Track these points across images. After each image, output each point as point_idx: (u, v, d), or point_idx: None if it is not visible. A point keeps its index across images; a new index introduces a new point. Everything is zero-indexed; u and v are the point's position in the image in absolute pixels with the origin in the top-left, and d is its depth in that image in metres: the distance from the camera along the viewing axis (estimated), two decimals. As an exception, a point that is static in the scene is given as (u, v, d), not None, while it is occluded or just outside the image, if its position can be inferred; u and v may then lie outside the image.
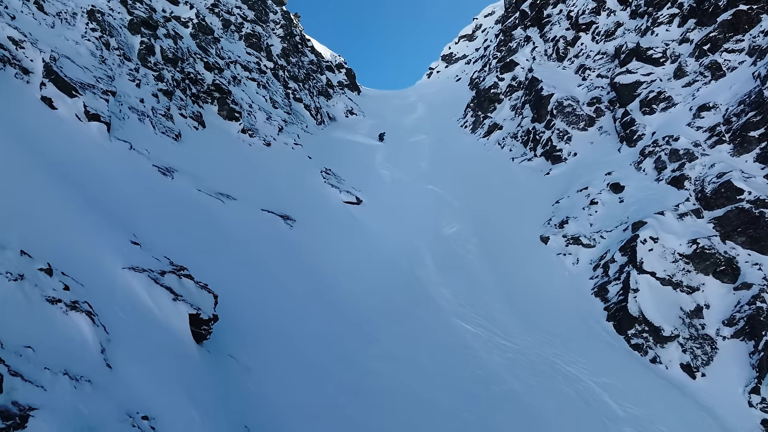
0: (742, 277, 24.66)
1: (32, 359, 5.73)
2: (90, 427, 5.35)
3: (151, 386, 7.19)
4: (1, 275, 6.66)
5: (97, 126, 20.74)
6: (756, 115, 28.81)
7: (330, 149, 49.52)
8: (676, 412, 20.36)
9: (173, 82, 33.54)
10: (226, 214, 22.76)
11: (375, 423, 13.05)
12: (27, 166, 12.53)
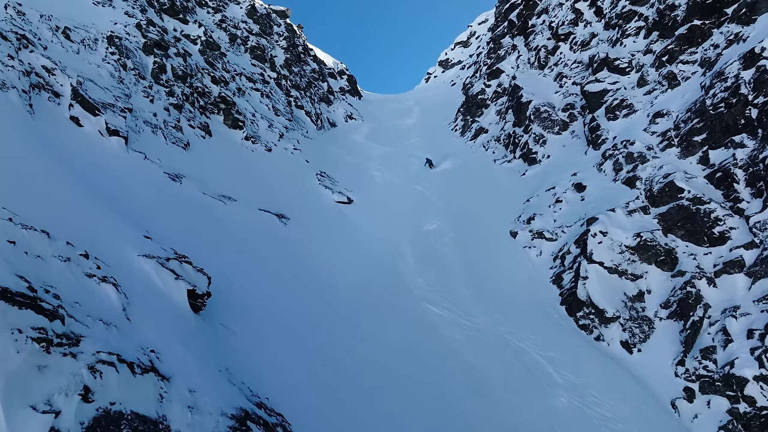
0: (679, 265, 27.42)
1: (79, 310, 8.57)
2: (117, 350, 8.20)
3: (157, 335, 10.03)
4: (56, 258, 9.56)
5: (116, 140, 23.73)
6: (699, 121, 31.50)
7: (327, 153, 52.39)
8: (609, 380, 23.20)
9: (183, 96, 36.54)
10: (226, 213, 25.67)
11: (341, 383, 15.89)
12: (63, 175, 15.46)
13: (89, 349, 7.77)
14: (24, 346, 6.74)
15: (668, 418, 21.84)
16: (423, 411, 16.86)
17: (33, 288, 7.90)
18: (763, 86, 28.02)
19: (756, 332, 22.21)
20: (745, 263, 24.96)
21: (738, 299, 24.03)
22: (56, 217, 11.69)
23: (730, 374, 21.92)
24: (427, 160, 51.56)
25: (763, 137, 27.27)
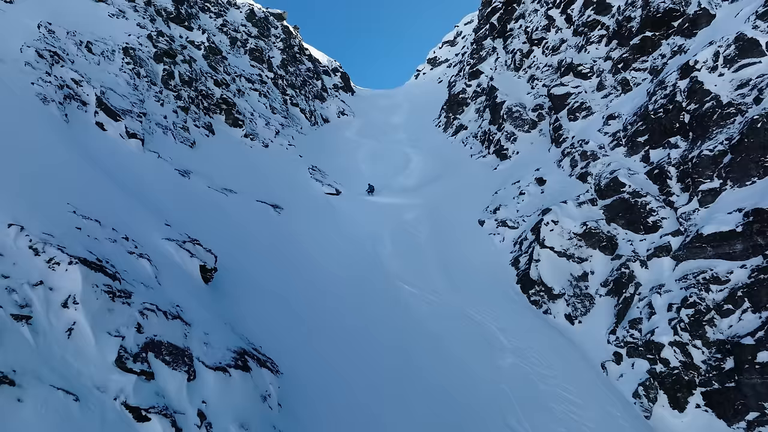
0: (618, 250, 30.89)
1: (128, 276, 11.91)
2: (155, 302, 11.57)
3: (179, 295, 13.37)
4: (107, 240, 12.92)
5: (134, 142, 27.01)
6: (643, 124, 34.88)
7: (319, 148, 55.68)
8: (551, 347, 26.70)
9: (189, 99, 39.81)
10: (228, 204, 29.00)
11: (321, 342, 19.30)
12: (98, 175, 18.78)
13: (137, 301, 11.17)
14: (100, 295, 10.14)
15: (596, 376, 25.35)
16: (388, 365, 20.36)
17: (99, 259, 11.30)
18: (695, 95, 31.37)
19: (674, 306, 25.71)
20: (671, 248, 28.40)
21: (664, 279, 27.48)
22: (99, 208, 14.98)
23: (651, 341, 25.42)
24: (369, 186, 46.73)
25: (693, 140, 30.68)
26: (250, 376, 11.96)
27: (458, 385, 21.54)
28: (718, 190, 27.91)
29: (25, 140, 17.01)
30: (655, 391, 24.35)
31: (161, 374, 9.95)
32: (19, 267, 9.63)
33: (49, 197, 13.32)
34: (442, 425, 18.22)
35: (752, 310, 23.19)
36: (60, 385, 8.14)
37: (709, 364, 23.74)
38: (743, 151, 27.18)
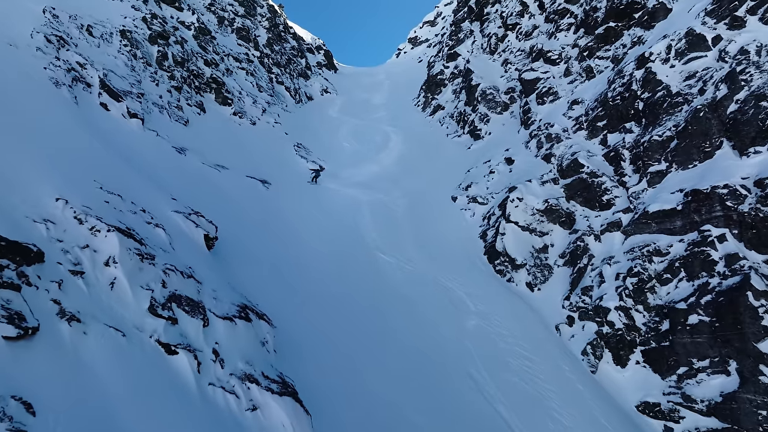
0: (575, 225, 33.48)
1: (149, 242, 14.10)
2: (173, 264, 13.80)
3: (191, 260, 15.59)
4: (129, 212, 15.08)
5: (135, 122, 28.88)
6: (602, 110, 37.30)
7: (304, 126, 57.48)
8: (512, 311, 29.30)
9: (181, 79, 41.51)
10: (221, 179, 31.05)
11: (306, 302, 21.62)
12: (109, 153, 20.80)
13: (160, 262, 13.39)
14: (132, 257, 12.36)
15: (550, 337, 28.02)
16: (365, 325, 22.79)
17: (128, 228, 13.50)
18: (649, 84, 33.79)
19: (621, 275, 28.36)
20: (622, 224, 30.98)
21: (614, 251, 30.11)
22: (117, 184, 17.08)
23: (600, 306, 28.09)
24: (315, 172, 42.45)
25: (645, 125, 33.18)
26: (251, 326, 14.28)
27: (428, 343, 24.00)
28: (664, 172, 30.49)
29: (48, 123, 18.99)
30: (601, 349, 27.07)
31: (183, 320, 12.22)
32: (69, 233, 11.81)
33: (78, 174, 15.42)
34: (413, 375, 20.69)
35: (687, 279, 25.89)
36: (111, 324, 10.40)
37: (648, 326, 26.47)
38: (687, 137, 29.72)
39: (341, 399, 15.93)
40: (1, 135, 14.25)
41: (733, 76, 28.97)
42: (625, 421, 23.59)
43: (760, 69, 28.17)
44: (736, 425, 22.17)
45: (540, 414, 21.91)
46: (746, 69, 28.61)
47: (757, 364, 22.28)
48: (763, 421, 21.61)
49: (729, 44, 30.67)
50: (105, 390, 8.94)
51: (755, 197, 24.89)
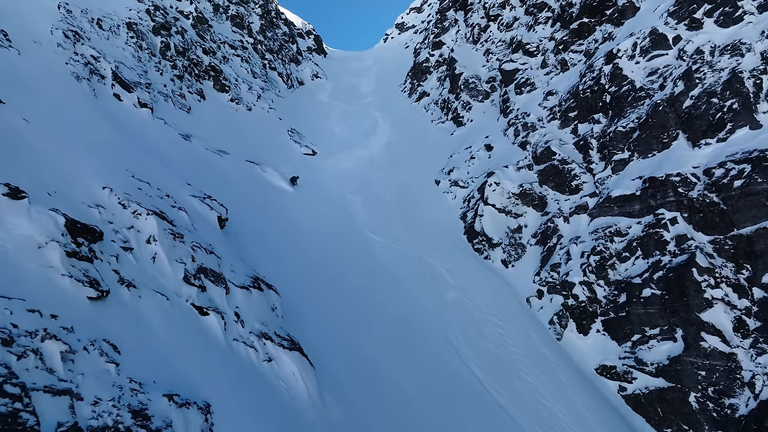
0: (547, 208, 36.04)
1: (177, 223, 16.41)
2: (198, 242, 16.11)
3: (210, 238, 17.88)
4: (156, 197, 17.34)
5: (145, 111, 30.90)
6: (574, 101, 39.73)
7: (296, 111, 59.43)
8: (488, 285, 31.87)
9: (183, 68, 43.38)
10: (223, 164, 33.17)
11: (305, 278, 23.99)
12: (129, 142, 22.94)
13: (188, 240, 15.69)
14: (167, 236, 14.66)
15: (521, 308, 30.69)
16: (356, 298, 25.20)
17: (160, 211, 15.78)
18: (616, 79, 36.21)
19: (585, 253, 30.98)
20: (588, 207, 33.53)
21: (580, 232, 32.70)
22: (142, 172, 19.29)
23: (566, 281, 30.72)
24: (293, 178, 38.04)
25: (611, 117, 35.65)
26: (263, 294, 16.67)
27: (411, 313, 26.51)
28: (627, 160, 33.07)
29: (78, 117, 21.13)
30: (566, 319, 29.75)
31: (210, 288, 14.57)
32: (116, 216, 14.07)
33: (113, 165, 17.62)
34: (398, 341, 23.19)
35: (642, 257, 28.57)
36: (156, 290, 12.73)
37: (608, 298, 29.17)
38: (648, 129, 32.27)
39: (336, 357, 18.37)
40: (51, 132, 16.40)
41: (690, 73, 31.48)
42: (583, 381, 26.34)
43: (712, 68, 30.66)
44: (679, 384, 24.96)
45: (509, 374, 24.55)
46: (701, 68, 31.12)
47: (699, 331, 25.03)
48: (702, 380, 24.41)
49: (687, 44, 33.12)
50: (158, 338, 11.28)
51: (703, 185, 27.51)
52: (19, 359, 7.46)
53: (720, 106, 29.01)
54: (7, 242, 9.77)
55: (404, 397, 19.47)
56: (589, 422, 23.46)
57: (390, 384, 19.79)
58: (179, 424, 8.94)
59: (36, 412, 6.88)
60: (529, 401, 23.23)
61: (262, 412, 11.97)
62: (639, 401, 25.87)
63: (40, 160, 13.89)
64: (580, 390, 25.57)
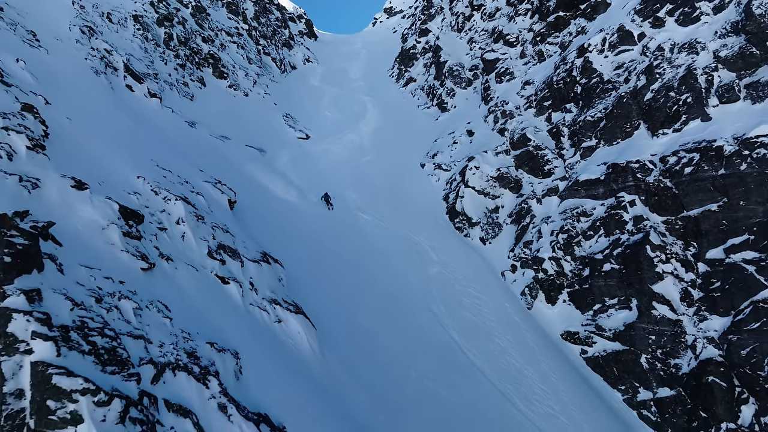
0: (522, 190, 38.64)
1: (198, 206, 18.80)
2: (215, 222, 18.51)
3: (224, 219, 20.26)
4: (177, 183, 19.69)
5: (155, 101, 32.99)
6: (548, 91, 42.16)
7: (290, 96, 61.32)
8: (468, 260, 34.50)
9: (185, 57, 45.30)
10: (226, 149, 35.41)
11: (302, 251, 26.47)
12: (146, 131, 25.19)
13: (208, 222, 18.11)
14: (192, 217, 17.08)
15: (496, 280, 33.40)
16: (349, 271, 27.74)
17: (184, 196, 18.17)
18: (586, 71, 38.63)
19: (555, 232, 33.64)
20: (558, 189, 36.13)
21: (551, 212, 35.32)
22: (163, 161, 21.60)
23: (537, 256, 33.41)
24: (326, 197, 36.49)
25: (581, 107, 38.14)
26: (271, 267, 19.17)
27: (397, 286, 29.10)
28: (594, 147, 35.65)
29: (103, 111, 23.37)
30: (536, 291, 32.49)
31: (228, 262, 17.04)
32: (150, 201, 16.44)
33: (139, 155, 19.96)
34: (386, 310, 25.78)
35: (604, 235, 31.27)
36: (188, 263, 15.19)
37: (573, 272, 31.90)
38: (613, 119, 34.81)
39: (334, 322, 20.91)
40: (87, 127, 18.68)
41: (651, 69, 33.98)
42: (549, 345, 29.15)
43: (671, 64, 33.18)
44: (632, 347, 27.82)
45: (484, 338, 27.26)
46: (661, 63, 33.61)
47: (651, 301, 27.85)
48: (652, 344, 27.27)
49: (650, 41, 35.57)
50: (194, 301, 13.76)
51: (659, 171, 30.17)
52: (108, 312, 9.95)
53: (676, 99, 31.57)
54: (79, 225, 12.20)
55: (394, 358, 22.12)
56: (553, 380, 26.27)
57: (381, 347, 22.41)
58: (220, 364, 11.47)
59: (126, 349, 9.40)
60: (501, 362, 25.97)
61: (278, 361, 14.56)
62: (598, 362, 28.74)
63: (86, 154, 16.23)
64: (546, 353, 28.37)
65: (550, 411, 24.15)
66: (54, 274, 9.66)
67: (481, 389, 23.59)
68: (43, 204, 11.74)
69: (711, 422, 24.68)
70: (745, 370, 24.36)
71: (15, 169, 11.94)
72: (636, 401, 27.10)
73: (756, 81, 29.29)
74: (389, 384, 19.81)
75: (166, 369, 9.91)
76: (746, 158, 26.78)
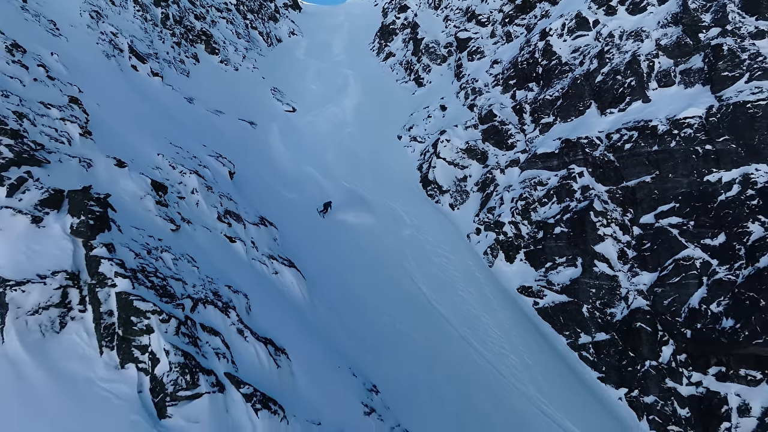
0: (488, 161, 41.96)
1: (206, 177, 21.88)
2: (222, 192, 21.63)
3: (227, 188, 23.27)
4: (189, 158, 22.72)
5: (157, 79, 35.57)
6: (513, 71, 45.23)
7: (277, 69, 63.39)
8: (438, 224, 37.93)
9: (180, 35, 47.54)
10: (221, 123, 38.16)
11: (289, 211, 29.67)
12: (154, 109, 28.01)
13: (215, 191, 21.25)
14: (203, 188, 20.22)
15: (463, 242, 36.92)
16: (332, 232, 31.07)
17: (195, 169, 21.24)
18: (547, 54, 41.71)
19: (515, 199, 37.08)
20: (519, 161, 39.49)
21: (512, 181, 38.72)
22: (173, 137, 24.54)
23: (498, 221, 36.88)
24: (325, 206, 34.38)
25: (542, 86, 41.34)
26: (267, 229, 22.43)
27: (373, 247, 32.52)
28: (551, 124, 38.96)
29: (119, 93, 26.17)
30: (497, 251, 36.03)
31: (233, 225, 20.25)
32: (170, 175, 19.51)
33: (155, 134, 22.92)
34: (363, 267, 29.20)
35: (557, 202, 34.79)
36: (203, 225, 18.38)
37: (529, 235, 35.46)
38: (568, 98, 38.09)
39: (320, 276, 24.23)
40: (111, 111, 21.59)
41: (602, 54, 37.19)
42: (506, 297, 32.84)
43: (619, 50, 36.40)
44: (576, 299, 31.56)
45: (449, 292, 30.80)
46: (611, 49, 36.83)
47: (593, 259, 31.53)
48: (592, 296, 31.04)
49: (603, 27, 38.69)
50: (211, 255, 17.00)
51: (604, 146, 33.61)
52: (156, 261, 13.20)
53: (622, 82, 34.89)
54: (123, 195, 15.32)
55: (371, 306, 25.65)
56: (507, 326, 30.00)
57: (361, 298, 25.91)
58: (236, 301, 14.79)
59: (172, 287, 12.67)
60: (462, 311, 29.60)
61: (277, 303, 17.95)
62: (547, 312, 32.47)
63: (117, 136, 19.23)
64: (503, 304, 32.07)
65: (502, 351, 27.89)
66: (117, 232, 12.82)
67: (445, 333, 27.23)
68: (97, 179, 14.83)
69: (637, 360, 28.65)
70: (667, 317, 28.28)
71: (74, 152, 15.00)
72: (577, 344, 30.95)
73: (689, 68, 32.67)
74: (367, 327, 23.31)
75: (199, 303, 13.18)
76: (675, 137, 30.32)
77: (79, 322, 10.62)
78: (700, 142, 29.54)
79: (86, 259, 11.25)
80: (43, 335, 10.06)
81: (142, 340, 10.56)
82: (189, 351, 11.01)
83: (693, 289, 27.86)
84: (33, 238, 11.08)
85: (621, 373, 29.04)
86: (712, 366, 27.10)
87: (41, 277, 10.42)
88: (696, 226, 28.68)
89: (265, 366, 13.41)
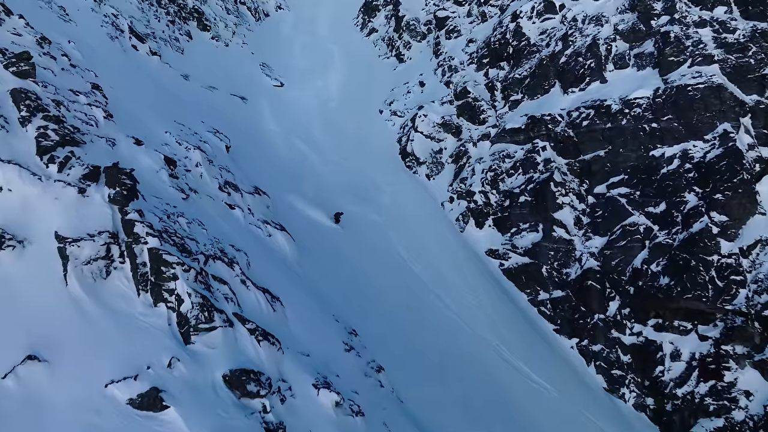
0: (461, 135, 44.55)
1: (207, 151, 24.36)
2: (222, 165, 24.14)
3: (224, 161, 25.73)
4: (191, 135, 25.14)
5: (156, 58, 37.49)
6: (487, 50, 47.55)
7: (265, 45, 64.82)
8: (415, 193, 40.69)
9: (174, 13, 49.16)
10: (215, 98, 40.27)
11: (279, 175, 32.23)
12: (156, 87, 30.24)
13: (216, 164, 23.78)
14: (206, 162, 22.74)
15: (437, 209, 39.79)
16: (318, 202, 33.75)
17: (197, 145, 23.71)
18: (517, 35, 44.09)
19: (485, 170, 39.85)
20: (490, 135, 42.14)
21: (483, 154, 41.43)
22: (176, 115, 26.87)
23: (470, 190, 39.67)
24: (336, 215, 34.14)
25: (512, 66, 43.82)
26: (261, 197, 25.06)
27: (357, 211, 35.25)
28: (519, 101, 41.57)
29: (126, 74, 28.37)
30: (468, 217, 38.88)
31: (232, 194, 22.84)
32: (177, 150, 21.98)
33: (161, 112, 25.28)
34: (346, 231, 31.97)
35: (522, 173, 37.63)
36: (207, 194, 20.96)
37: (497, 203, 38.31)
38: (535, 78, 40.66)
39: (307, 238, 26.98)
40: (121, 91, 23.88)
41: (566, 36, 39.71)
42: (474, 259, 35.85)
43: (582, 33, 38.94)
44: (537, 261, 34.63)
45: (423, 252, 33.74)
46: (574, 33, 39.36)
47: (552, 225, 34.56)
48: (551, 258, 34.14)
49: (568, 12, 41.10)
50: (215, 220, 19.64)
51: (565, 123, 36.37)
52: (174, 224, 15.85)
53: (583, 64, 37.52)
54: (143, 169, 17.85)
55: (353, 266, 28.55)
56: (475, 285, 33.06)
57: (343, 257, 28.81)
58: (238, 258, 17.51)
59: (188, 245, 15.36)
60: (434, 270, 32.61)
61: (271, 261, 20.71)
62: (511, 273, 35.52)
63: (131, 115, 21.63)
64: (471, 265, 35.10)
65: (469, 306, 31.00)
66: (142, 201, 15.38)
67: (419, 289, 30.27)
68: (121, 156, 17.32)
69: (588, 314, 31.93)
70: (614, 276, 31.52)
71: (101, 133, 17.48)
72: (537, 300, 34.12)
73: (641, 52, 35.39)
74: (348, 282, 26.22)
75: (209, 258, 15.87)
76: (627, 115, 33.19)
77: (120, 270, 13.29)
78: (647, 120, 32.44)
79: (122, 222, 13.86)
80: (95, 280, 12.74)
81: (170, 285, 13.27)
82: (205, 294, 13.76)
83: (637, 252, 31.08)
84: (81, 205, 13.68)
85: (573, 325, 32.32)
86: (651, 318, 30.45)
87: (90, 236, 13.05)
88: (641, 195, 31.76)
89: (264, 309, 16.21)
